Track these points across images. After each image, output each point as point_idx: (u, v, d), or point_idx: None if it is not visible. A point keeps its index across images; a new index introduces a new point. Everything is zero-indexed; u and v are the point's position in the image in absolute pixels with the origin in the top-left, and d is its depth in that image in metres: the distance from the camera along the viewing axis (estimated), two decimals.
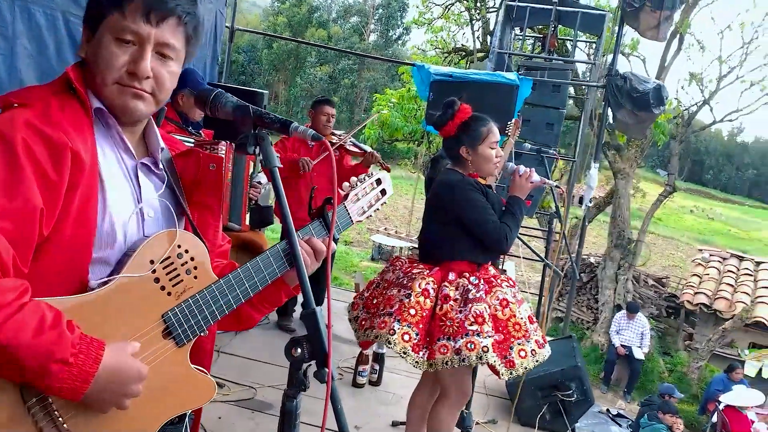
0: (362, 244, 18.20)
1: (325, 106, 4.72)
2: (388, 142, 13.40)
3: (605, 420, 7.95)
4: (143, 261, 1.21)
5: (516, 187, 2.87)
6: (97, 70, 1.21)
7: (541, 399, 4.00)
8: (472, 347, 2.59)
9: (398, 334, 2.61)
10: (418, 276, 2.74)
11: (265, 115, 1.24)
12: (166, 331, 1.24)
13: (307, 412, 1.17)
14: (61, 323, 1.07)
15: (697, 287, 12.68)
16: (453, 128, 2.78)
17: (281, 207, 1.24)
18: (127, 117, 1.25)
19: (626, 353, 10.62)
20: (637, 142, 12.18)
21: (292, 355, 1.24)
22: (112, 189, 1.22)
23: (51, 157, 1.10)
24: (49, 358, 1.04)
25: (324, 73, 36.79)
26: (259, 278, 1.34)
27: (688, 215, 37.82)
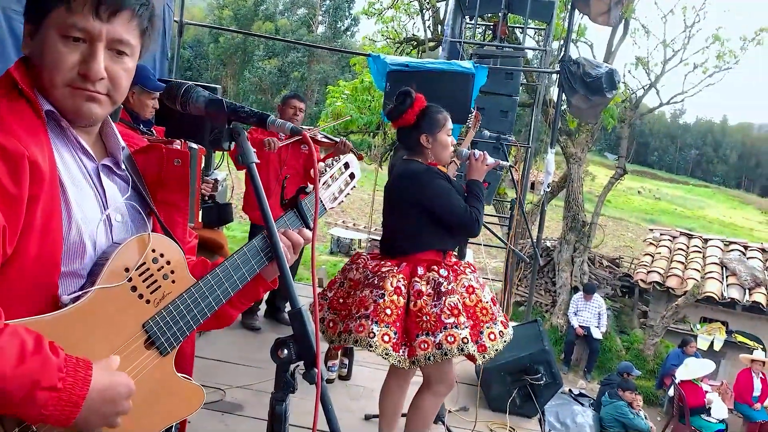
0: (320, 238, 18.08)
1: (292, 99, 4.72)
2: (343, 134, 13.32)
3: (568, 400, 8.09)
4: (117, 270, 1.13)
5: (473, 171, 2.92)
6: (44, 70, 1.10)
7: (511, 384, 4.03)
8: (452, 340, 2.61)
9: (378, 336, 2.59)
10: (388, 274, 2.71)
11: (239, 109, 1.19)
12: (148, 341, 1.18)
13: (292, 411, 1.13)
14: (43, 347, 0.98)
15: (649, 266, 13.03)
16: (412, 116, 2.77)
17: (260, 203, 1.19)
18: (82, 121, 1.16)
19: (585, 334, 10.86)
20: (587, 126, 12.43)
21: (278, 356, 1.20)
22: (76, 196, 1.12)
23: (7, 169, 1.00)
24: (35, 386, 0.96)
25: (273, 66, 36.37)
26: (239, 276, 1.29)
27: (636, 196, 38.90)
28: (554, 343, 11.46)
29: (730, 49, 15.33)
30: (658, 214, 32.98)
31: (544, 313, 12.64)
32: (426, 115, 2.77)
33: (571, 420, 7.64)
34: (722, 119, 73.24)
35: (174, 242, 1.25)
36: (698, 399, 8.66)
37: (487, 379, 4.13)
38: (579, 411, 7.82)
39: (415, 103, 2.75)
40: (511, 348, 4.27)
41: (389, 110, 2.85)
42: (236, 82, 37.98)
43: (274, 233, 1.17)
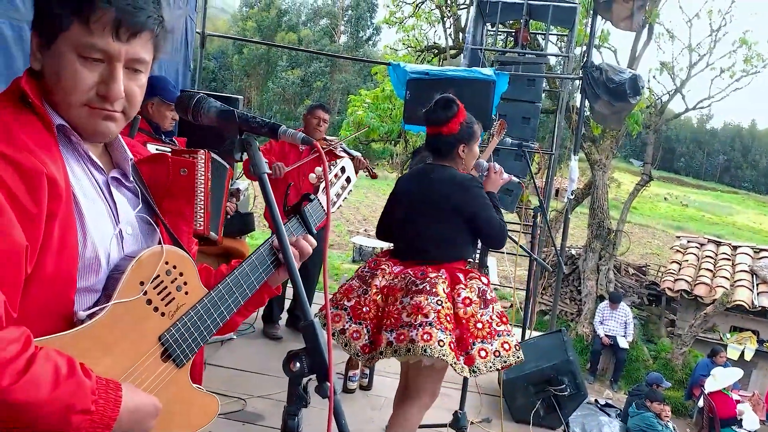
0: (342, 246, 18.11)
1: (317, 110, 4.71)
2: (364, 143, 13.34)
3: (594, 411, 7.94)
4: (133, 283, 1.13)
5: (491, 183, 2.93)
6: (59, 88, 1.09)
7: (534, 395, 3.97)
8: (507, 347, 2.61)
9: (447, 344, 2.52)
10: (438, 280, 2.65)
11: (251, 119, 1.17)
12: (165, 354, 1.18)
13: (305, 422, 1.10)
14: (76, 370, 0.99)
15: (677, 274, 12.80)
16: (456, 125, 2.72)
17: (272, 213, 1.17)
18: (98, 139, 1.16)
19: (611, 343, 10.69)
20: (612, 132, 12.28)
21: (290, 370, 1.18)
22: (89, 211, 1.11)
23: (26, 187, 0.98)
24: (70, 410, 0.96)
25: (296, 76, 36.64)
26: (248, 285, 1.30)
27: (663, 203, 38.35)
28: (580, 353, 11.31)
29: (758, 53, 15.06)
30: (685, 221, 32.46)
31: (569, 322, 12.48)
32: (466, 125, 2.75)
33: (597, 431, 7.50)
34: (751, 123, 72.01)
35: (186, 253, 1.25)
36: (729, 410, 8.46)
37: (510, 389, 4.08)
38: (605, 422, 7.67)
39: (460, 113, 2.72)
40: (535, 358, 4.22)
41: (433, 116, 2.76)
42: (260, 93, 38.31)
43: (285, 244, 1.15)
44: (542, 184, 9.56)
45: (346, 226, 20.86)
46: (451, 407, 3.83)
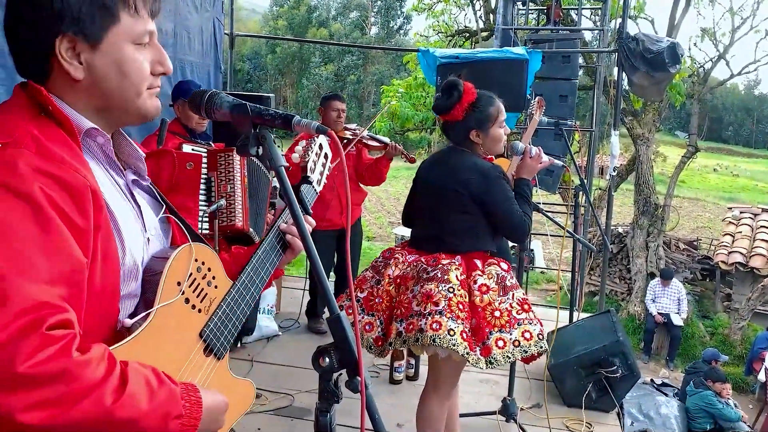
0: (384, 237, 18.11)
1: (334, 101, 4.55)
2: (399, 133, 13.27)
3: (650, 391, 7.78)
4: (171, 285, 1.14)
5: (525, 169, 2.73)
6: (126, 84, 1.09)
7: (585, 378, 3.87)
8: (529, 336, 2.46)
9: (458, 333, 2.38)
10: (450, 267, 2.52)
11: (264, 112, 1.15)
12: (207, 349, 1.22)
13: (343, 412, 1.08)
14: (163, 379, 1.02)
15: (730, 246, 12.38)
16: (460, 112, 2.56)
17: (291, 205, 1.14)
18: (148, 119, 1.18)
19: (664, 321, 10.42)
20: (654, 105, 11.91)
21: (320, 365, 1.16)
22: (122, 218, 1.11)
23: (74, 203, 0.97)
24: (167, 417, 1.00)
25: (329, 72, 36.72)
26: (264, 271, 1.35)
27: (712, 174, 37.15)
28: (632, 333, 11.07)
29: None
30: (737, 192, 31.37)
31: (619, 302, 12.22)
32: (476, 108, 2.57)
33: (654, 411, 7.33)
34: None
35: (210, 248, 1.26)
36: None
37: (560, 373, 4.00)
38: (663, 402, 7.50)
39: (464, 97, 2.55)
40: (584, 340, 4.12)
41: (435, 103, 2.68)
42: (295, 91, 38.55)
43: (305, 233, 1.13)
44: (584, 163, 9.35)
45: (387, 217, 20.84)
46: (500, 394, 3.79)
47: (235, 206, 3.04)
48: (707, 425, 7.26)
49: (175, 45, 4.83)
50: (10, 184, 0.93)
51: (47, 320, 0.89)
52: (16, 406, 0.85)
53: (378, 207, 22.76)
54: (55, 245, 0.93)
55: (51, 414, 0.87)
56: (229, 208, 3.04)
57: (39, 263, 0.91)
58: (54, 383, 0.88)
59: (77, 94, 1.08)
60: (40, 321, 0.88)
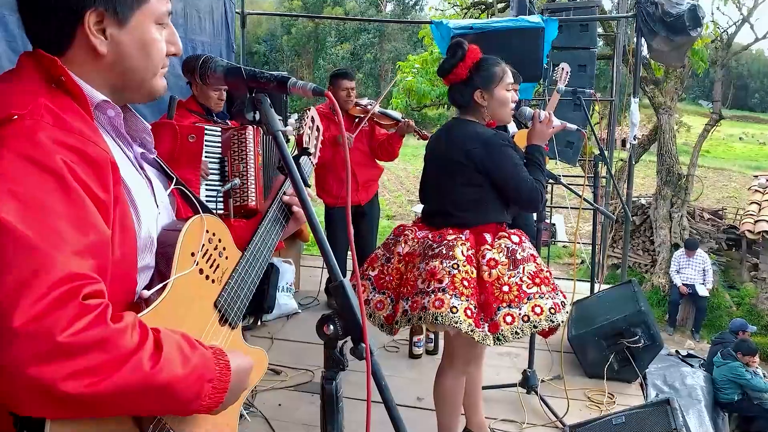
0: (404, 216, 18.07)
1: (342, 80, 4.39)
2: (417, 110, 13.16)
3: (676, 362, 7.68)
4: (186, 256, 1.16)
5: (536, 135, 2.63)
6: (148, 63, 1.10)
7: (607, 349, 3.83)
8: (540, 311, 2.39)
9: (461, 310, 2.33)
10: (456, 242, 2.46)
11: (259, 75, 1.12)
12: (222, 318, 1.24)
13: (357, 384, 1.06)
14: (195, 343, 1.04)
15: (757, 215, 12.14)
16: (464, 70, 2.48)
17: (290, 173, 1.12)
18: (158, 97, 1.19)
19: (689, 292, 10.29)
20: (676, 73, 11.65)
21: (324, 333, 1.14)
22: (136, 191, 1.11)
23: (96, 175, 0.98)
24: (202, 380, 1.02)
25: (345, 51, 36.50)
26: (270, 242, 1.37)
27: (738, 143, 36.42)
28: (657, 304, 10.96)
29: None
30: (764, 160, 30.70)
31: (643, 274, 12.08)
32: (480, 68, 2.50)
33: (680, 382, 7.24)
34: None
35: (219, 219, 1.27)
36: None
37: (581, 345, 3.96)
38: (689, 372, 7.40)
39: (468, 56, 2.47)
40: (605, 311, 4.07)
41: (440, 65, 2.59)
42: (312, 71, 38.41)
43: (306, 201, 1.10)
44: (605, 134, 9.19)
45: (406, 195, 20.79)
46: (520, 366, 3.76)
47: (248, 186, 3.03)
48: (735, 396, 7.18)
49: (185, 25, 4.80)
50: (34, 157, 0.92)
51: (82, 290, 0.89)
52: (57, 375, 0.86)
53: (397, 186, 22.71)
54: (82, 217, 0.94)
55: (92, 381, 0.88)
56: (242, 187, 3.03)
57: (69, 235, 0.91)
58: (93, 351, 0.89)
59: (96, 70, 1.08)
60: (75, 291, 0.88)
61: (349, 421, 1.47)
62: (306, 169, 1.52)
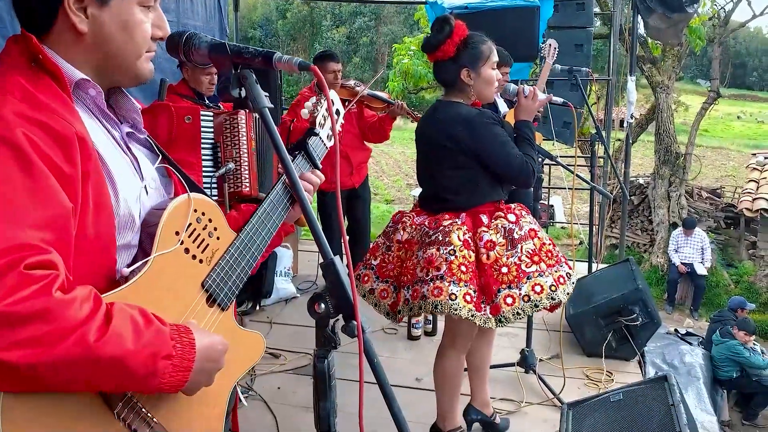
0: (403, 200, 18.06)
1: (328, 63, 4.31)
2: (414, 93, 13.09)
3: (674, 340, 7.70)
4: (169, 235, 1.14)
5: (522, 110, 2.57)
6: (129, 44, 1.10)
7: (605, 327, 3.84)
8: (540, 290, 2.37)
9: (460, 297, 2.32)
10: (452, 227, 2.43)
11: (244, 50, 1.10)
12: (210, 299, 1.22)
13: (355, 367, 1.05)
14: (151, 318, 1.02)
15: (755, 193, 12.13)
16: (452, 47, 2.41)
17: (277, 149, 1.10)
18: (145, 81, 1.19)
19: (688, 270, 10.31)
20: (673, 51, 11.58)
21: (315, 311, 1.13)
22: (115, 168, 1.11)
23: (60, 149, 0.97)
24: (156, 357, 0.99)
25: (341, 35, 36.25)
26: (271, 224, 1.33)
27: (736, 122, 36.30)
28: (656, 284, 10.98)
29: None
30: (762, 139, 30.64)
31: (642, 254, 12.09)
32: (467, 45, 2.43)
33: (679, 360, 7.27)
34: None
35: (210, 199, 1.25)
36: None
37: (578, 323, 3.97)
38: (687, 350, 7.43)
39: (455, 32, 2.40)
40: (603, 290, 4.08)
41: (425, 41, 2.52)
42: (308, 56, 38.18)
43: (295, 179, 1.09)
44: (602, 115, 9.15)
45: (405, 179, 20.76)
46: (518, 346, 3.77)
47: (242, 172, 3.00)
48: (733, 373, 7.22)
49: (177, 10, 4.75)
50: None
51: (25, 260, 0.89)
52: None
53: (396, 170, 22.66)
54: (40, 190, 0.94)
55: (34, 352, 0.88)
56: (236, 173, 3.00)
57: (22, 207, 0.91)
58: (35, 322, 0.88)
59: (78, 49, 1.08)
60: (18, 261, 0.88)
61: (345, 404, 1.48)
62: (317, 150, 1.49)
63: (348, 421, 1.45)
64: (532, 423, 3.17)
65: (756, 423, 7.38)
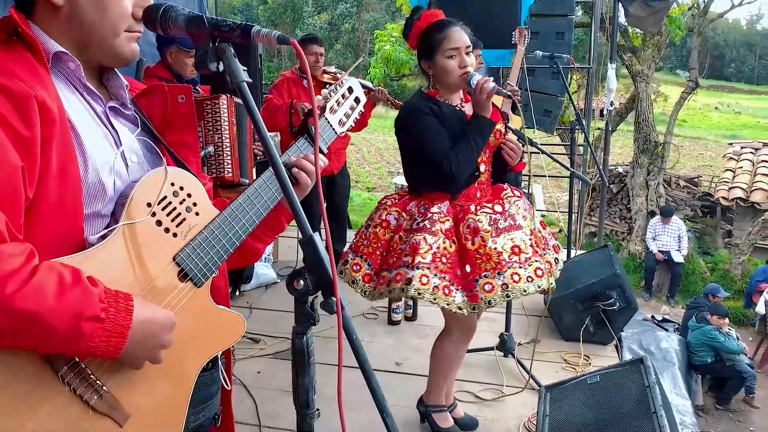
0: (384, 188, 18.04)
1: (311, 45, 4.35)
2: (395, 79, 13.06)
3: (651, 327, 7.81)
4: (140, 205, 1.13)
5: (475, 105, 2.42)
6: (104, 20, 1.12)
7: (583, 312, 3.88)
8: (518, 279, 2.37)
9: (441, 288, 2.35)
10: (438, 217, 2.44)
11: (222, 23, 1.08)
12: (181, 273, 1.18)
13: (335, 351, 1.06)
14: (81, 279, 0.99)
15: (731, 182, 12.32)
16: (413, 40, 2.43)
17: (258, 130, 1.08)
18: (128, 62, 1.20)
19: (665, 258, 10.45)
20: (653, 41, 11.65)
21: (294, 288, 1.13)
22: (88, 138, 1.11)
23: (16, 110, 0.98)
24: (79, 317, 0.96)
25: (323, 21, 36.01)
26: (260, 204, 1.29)
27: (714, 113, 36.75)
28: (633, 271, 11.11)
29: None
30: (739, 129, 31.05)
31: (620, 242, 12.22)
32: (423, 37, 2.41)
33: (655, 346, 7.38)
34: None
35: (192, 175, 1.24)
36: None
37: (557, 308, 4.01)
38: (663, 336, 7.54)
39: (415, 24, 2.41)
40: (581, 275, 4.11)
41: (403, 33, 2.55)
42: None
43: (274, 157, 1.07)
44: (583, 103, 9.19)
45: (387, 167, 20.74)
46: (497, 331, 3.79)
47: (224, 157, 2.97)
48: (708, 358, 7.36)
49: None
50: None
51: None
52: None
53: (377, 158, 22.63)
54: None
55: None
56: (217, 159, 2.97)
57: None
58: None
59: (57, 24, 1.11)
60: None
61: (325, 385, 1.48)
62: (324, 134, 1.48)
63: (327, 406, 1.46)
64: (510, 406, 3.21)
65: (729, 407, 7.53)
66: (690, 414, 6.24)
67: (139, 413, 1.12)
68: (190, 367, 1.22)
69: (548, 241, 2.62)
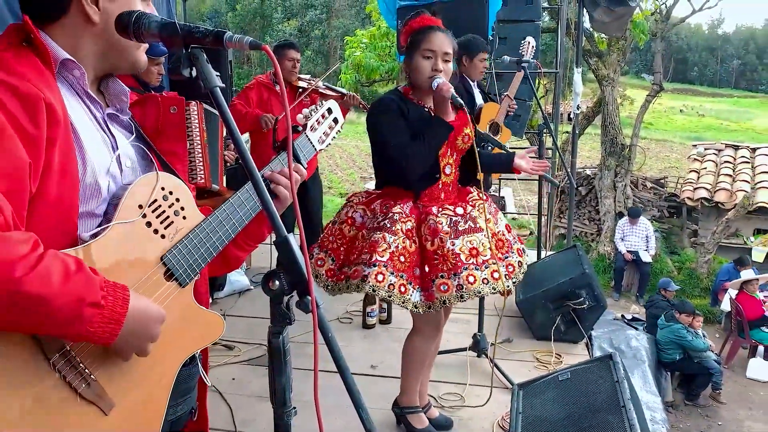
0: None
1: (289, 50, 4.40)
2: (366, 85, 13.10)
3: (621, 326, 7.97)
4: (131, 207, 1.19)
5: (434, 105, 2.49)
6: None
7: (554, 311, 3.95)
8: (473, 281, 2.41)
9: (396, 286, 2.40)
10: (399, 217, 2.48)
11: (194, 30, 1.10)
12: (167, 273, 1.24)
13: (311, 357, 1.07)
14: (84, 267, 1.04)
15: (696, 183, 12.61)
16: (404, 38, 2.50)
17: (232, 135, 1.11)
18: (141, 69, 1.30)
19: (633, 258, 10.65)
20: (618, 45, 11.89)
21: (270, 288, 1.15)
22: (88, 141, 1.17)
23: (25, 110, 1.04)
24: (81, 302, 1.00)
25: (293, 27, 35.93)
26: (243, 212, 1.35)
27: (678, 116, 37.54)
28: (603, 272, 11.28)
29: None
30: (703, 131, 31.76)
31: (590, 243, 12.41)
32: (412, 35, 2.47)
33: (625, 345, 7.52)
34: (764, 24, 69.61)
35: (182, 181, 1.30)
36: (756, 311, 8.44)
37: (528, 308, 4.07)
38: (633, 335, 7.69)
39: (411, 22, 2.47)
40: (551, 275, 4.19)
41: None
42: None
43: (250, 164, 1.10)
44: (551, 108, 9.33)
45: (359, 173, 20.77)
46: (470, 332, 3.84)
47: (196, 164, 2.97)
48: (676, 356, 7.51)
49: None
50: None
51: None
52: None
53: (349, 163, 22.65)
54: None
55: None
56: (189, 165, 2.97)
57: None
58: None
59: (86, 37, 1.20)
60: None
61: (301, 393, 1.50)
62: (304, 148, 1.55)
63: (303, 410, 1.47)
64: (484, 405, 3.25)
65: (697, 403, 7.69)
66: (660, 410, 6.37)
67: (123, 403, 1.17)
68: (171, 362, 1.27)
69: (512, 245, 2.66)
